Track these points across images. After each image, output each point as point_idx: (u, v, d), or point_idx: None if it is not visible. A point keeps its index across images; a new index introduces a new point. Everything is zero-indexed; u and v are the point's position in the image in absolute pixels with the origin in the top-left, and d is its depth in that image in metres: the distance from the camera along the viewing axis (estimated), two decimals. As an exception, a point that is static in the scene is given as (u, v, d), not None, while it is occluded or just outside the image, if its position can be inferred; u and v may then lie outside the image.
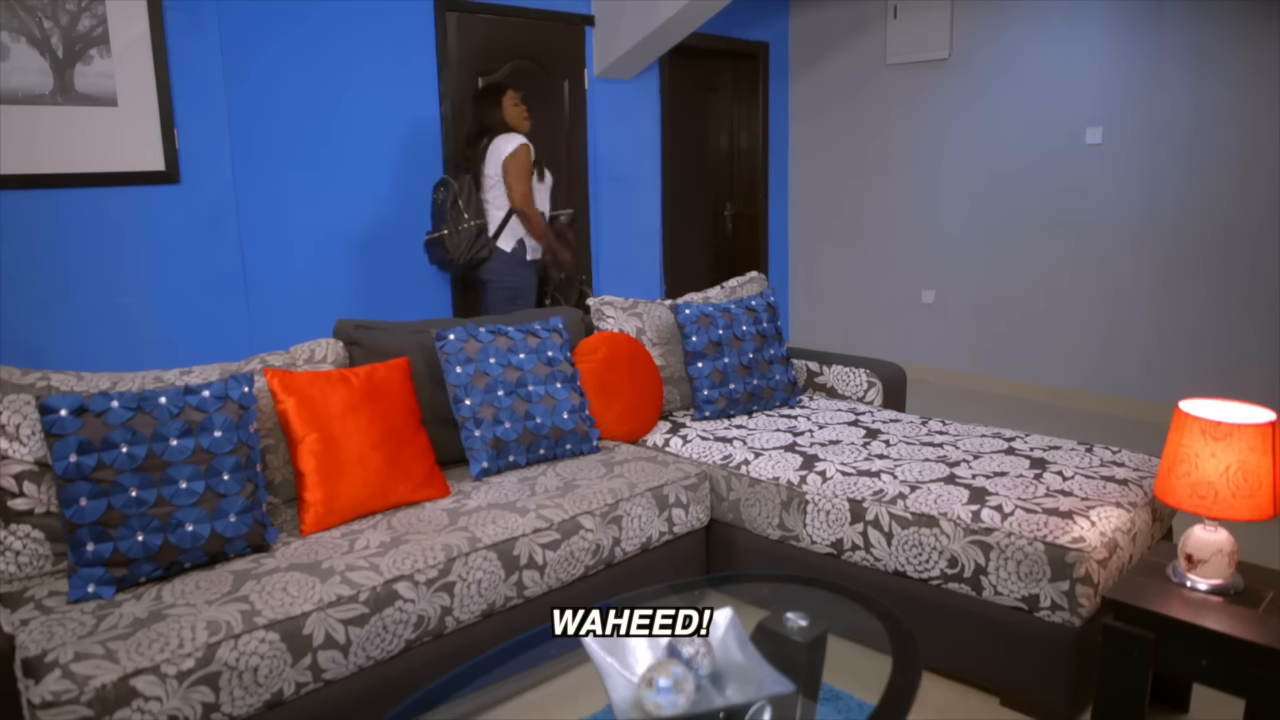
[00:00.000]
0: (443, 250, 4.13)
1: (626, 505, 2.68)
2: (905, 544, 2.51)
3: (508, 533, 2.41)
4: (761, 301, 3.53)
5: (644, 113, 5.61)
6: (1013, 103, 5.45)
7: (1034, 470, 2.70)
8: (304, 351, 2.73)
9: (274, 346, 3.04)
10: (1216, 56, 4.64)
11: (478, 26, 4.74)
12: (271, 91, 3.99)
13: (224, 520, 2.17)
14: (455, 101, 4.67)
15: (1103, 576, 2.25)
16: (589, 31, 5.20)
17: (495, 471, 2.80)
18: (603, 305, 3.48)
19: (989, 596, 2.38)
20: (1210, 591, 2.00)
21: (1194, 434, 1.96)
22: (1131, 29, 4.93)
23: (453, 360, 2.80)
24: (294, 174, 4.10)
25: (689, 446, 3.12)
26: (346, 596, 2.08)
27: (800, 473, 2.80)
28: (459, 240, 4.09)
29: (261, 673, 1.92)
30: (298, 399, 2.44)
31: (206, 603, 1.98)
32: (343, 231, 4.30)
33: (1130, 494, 2.53)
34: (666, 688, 1.52)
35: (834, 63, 6.34)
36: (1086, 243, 5.24)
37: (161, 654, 1.81)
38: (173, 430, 2.15)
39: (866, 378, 3.65)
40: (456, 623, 2.30)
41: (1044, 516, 2.34)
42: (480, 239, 4.11)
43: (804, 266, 6.78)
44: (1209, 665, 1.89)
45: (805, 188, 6.68)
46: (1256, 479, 1.90)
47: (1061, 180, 5.30)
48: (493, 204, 4.15)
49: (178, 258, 3.72)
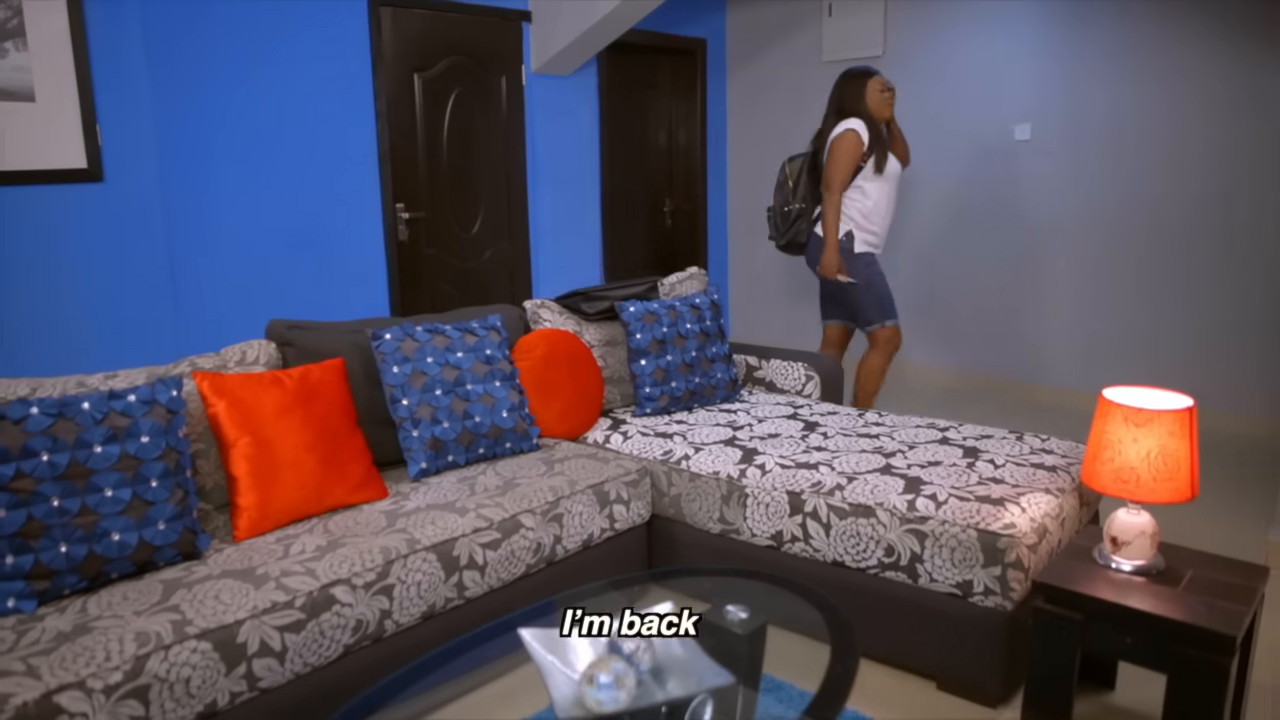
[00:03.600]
0: (771, 227, 4.05)
1: (567, 503, 2.68)
2: (843, 534, 2.55)
3: (447, 533, 2.39)
4: (705, 299, 3.55)
5: (582, 109, 5.60)
6: (945, 100, 5.56)
7: (967, 459, 2.76)
8: (235, 353, 2.67)
9: (205, 349, 2.97)
10: (1140, 55, 4.78)
11: (412, 21, 4.68)
12: (199, 87, 3.89)
13: (152, 528, 2.11)
14: (391, 96, 4.61)
15: (1033, 561, 2.31)
16: (526, 27, 5.17)
17: (434, 472, 2.77)
18: (539, 309, 3.46)
19: (925, 584, 2.42)
20: (1134, 572, 2.07)
21: (1117, 421, 2.02)
22: (1058, 28, 5.06)
23: (389, 360, 2.76)
24: (224, 171, 4.01)
25: (629, 443, 3.13)
26: (282, 602, 2.04)
27: (740, 466, 2.82)
28: (781, 221, 4.01)
29: (194, 684, 1.88)
30: (229, 402, 2.39)
31: (135, 614, 1.93)
32: (275, 230, 4.21)
33: (1059, 480, 2.60)
34: (607, 684, 1.52)
35: (770, 60, 6.40)
36: (1017, 236, 5.37)
37: (87, 668, 1.75)
38: (97, 436, 2.09)
39: (805, 371, 3.70)
40: (396, 626, 2.27)
41: (976, 504, 2.39)
42: (798, 224, 3.99)
43: (743, 261, 6.83)
44: (1133, 644, 1.95)
45: (743, 183, 6.73)
46: (1176, 463, 1.97)
47: (992, 175, 5.42)
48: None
49: (102, 258, 3.61)
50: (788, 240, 4.09)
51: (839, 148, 3.92)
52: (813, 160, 4.08)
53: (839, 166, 3.92)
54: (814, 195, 4.06)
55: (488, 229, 5.21)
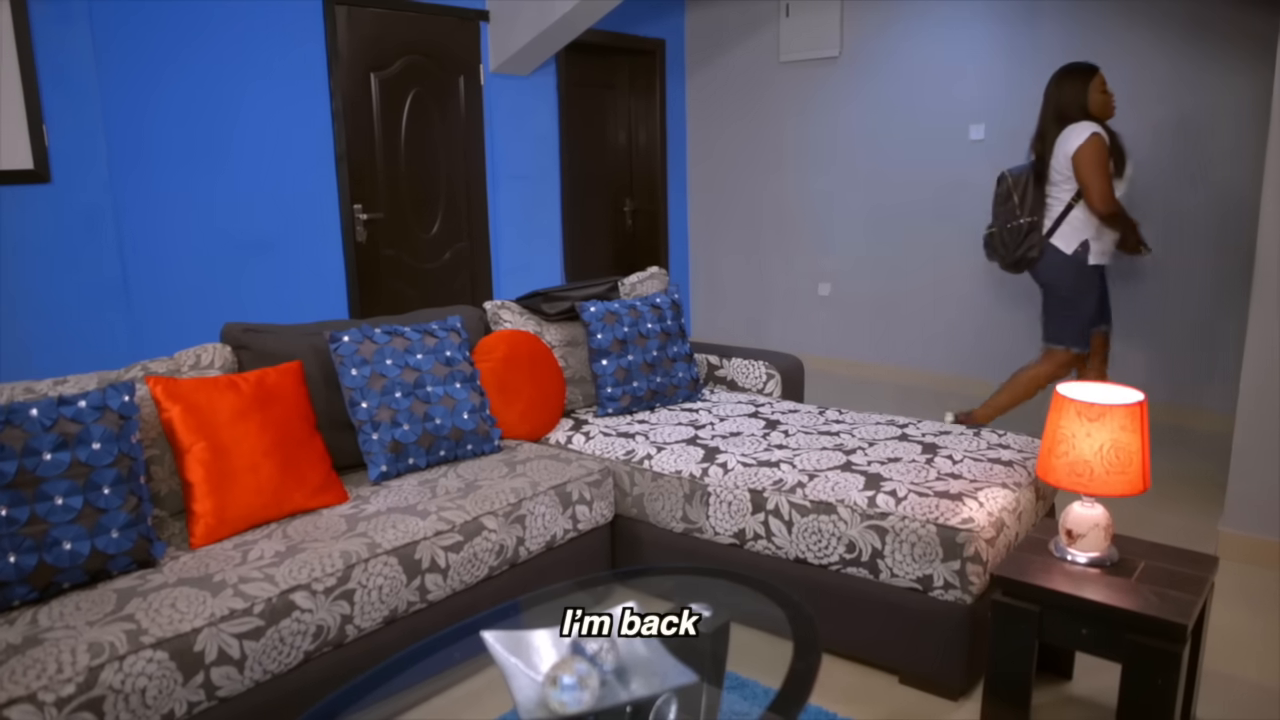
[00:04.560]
0: (990, 249, 3.88)
1: (530, 504, 2.67)
2: (805, 531, 2.57)
3: (408, 537, 2.37)
4: (666, 299, 3.56)
5: (541, 109, 5.58)
6: (901, 101, 5.62)
7: (926, 455, 2.79)
8: (189, 357, 2.62)
9: (158, 353, 2.92)
10: (1092, 55, 4.86)
11: (368, 20, 4.64)
12: (150, 87, 3.81)
13: (105, 536, 2.07)
14: (347, 96, 4.56)
15: (991, 555, 2.35)
16: (484, 27, 5.14)
17: (394, 475, 2.75)
18: (500, 310, 3.44)
19: (885, 579, 2.45)
20: (1089, 564, 2.11)
21: (1070, 415, 2.06)
22: (1010, 29, 5.14)
23: (347, 363, 2.73)
24: (176, 172, 3.93)
25: (592, 443, 3.12)
26: (240, 610, 2.01)
27: (702, 465, 2.83)
28: (1007, 238, 3.80)
29: (150, 694, 1.84)
30: (183, 407, 2.35)
31: (88, 624, 1.89)
32: (230, 232, 4.14)
33: (1015, 475, 2.64)
34: (571, 685, 1.52)
35: (729, 60, 6.43)
36: (971, 235, 5.43)
37: (38, 681, 1.71)
38: (46, 444, 2.04)
39: (765, 370, 3.72)
40: (358, 631, 2.25)
41: (935, 500, 2.42)
42: (1030, 237, 3.77)
43: (704, 261, 6.85)
44: (1089, 634, 1.99)
45: (704, 183, 6.75)
46: (1128, 456, 2.01)
47: (947, 175, 5.49)
48: (1055, 200, 3.80)
49: (50, 261, 3.52)
50: (1018, 257, 3.85)
51: (1087, 157, 3.63)
52: (1037, 170, 3.84)
53: (1096, 175, 3.63)
54: (1043, 206, 3.84)
55: (447, 230, 5.18)
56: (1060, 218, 3.80)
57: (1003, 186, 3.91)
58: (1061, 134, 3.75)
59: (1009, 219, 3.86)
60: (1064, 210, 3.78)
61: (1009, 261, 3.93)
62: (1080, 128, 3.68)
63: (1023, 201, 3.81)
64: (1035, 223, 3.81)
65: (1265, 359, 3.04)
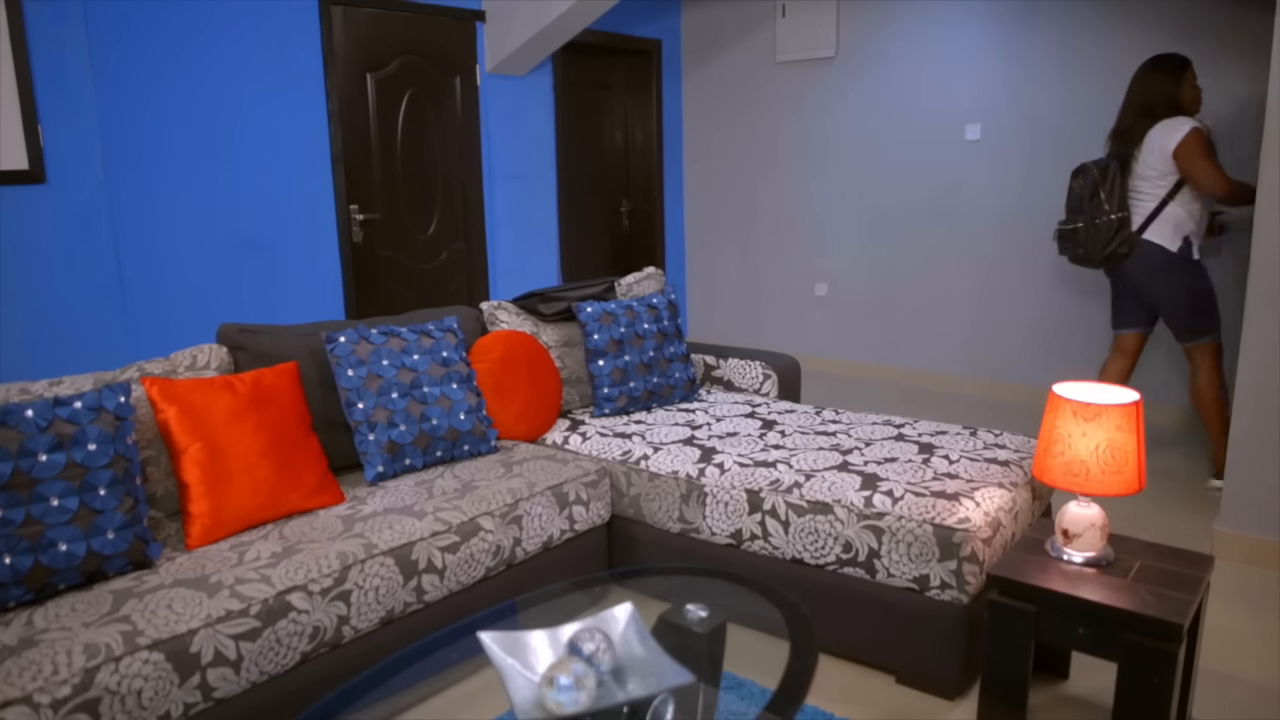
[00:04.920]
0: (1075, 244, 3.77)
1: (526, 505, 2.67)
2: (801, 531, 2.57)
3: (405, 537, 2.37)
4: (663, 299, 3.56)
5: (538, 109, 5.58)
6: (897, 100, 5.63)
7: (922, 455, 2.79)
8: (185, 358, 2.62)
9: (155, 354, 2.92)
10: (1087, 56, 4.89)
11: (364, 21, 4.63)
12: (146, 86, 3.80)
13: (101, 538, 2.06)
14: (343, 96, 4.55)
15: (987, 554, 2.35)
16: (480, 27, 5.14)
17: (391, 475, 2.75)
18: (496, 310, 3.44)
19: (882, 579, 2.45)
20: (1085, 564, 2.11)
21: (1066, 415, 2.07)
22: (1006, 29, 5.15)
23: (344, 363, 2.73)
24: (172, 172, 3.93)
25: (588, 443, 3.12)
26: (236, 611, 2.01)
27: (699, 465, 2.83)
28: (1094, 234, 3.70)
29: (146, 695, 1.84)
30: (179, 408, 2.34)
31: (84, 625, 1.88)
32: (226, 232, 4.14)
33: (1011, 474, 2.65)
34: (568, 685, 1.51)
35: (725, 60, 6.43)
36: (968, 235, 5.46)
37: (34, 682, 1.71)
38: (41, 445, 2.03)
39: (762, 370, 3.72)
40: (354, 632, 2.25)
41: (932, 499, 2.43)
42: (1120, 234, 3.69)
43: (700, 261, 6.86)
44: (1085, 633, 1.99)
45: (700, 183, 6.75)
46: (1124, 456, 2.02)
47: (943, 175, 5.50)
48: (1145, 195, 3.73)
49: (45, 262, 3.52)
50: (1109, 253, 3.74)
51: (1191, 150, 3.56)
52: (1122, 166, 3.76)
53: (1204, 162, 3.55)
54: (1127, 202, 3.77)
55: (443, 230, 5.17)
56: (1153, 214, 3.72)
57: (1086, 179, 3.78)
58: (1153, 129, 3.67)
59: (1097, 214, 3.75)
60: (1158, 206, 3.70)
61: (1099, 258, 3.81)
62: (1176, 123, 3.61)
63: (1110, 197, 3.73)
64: (1125, 219, 3.73)
65: (1262, 359, 3.05)
